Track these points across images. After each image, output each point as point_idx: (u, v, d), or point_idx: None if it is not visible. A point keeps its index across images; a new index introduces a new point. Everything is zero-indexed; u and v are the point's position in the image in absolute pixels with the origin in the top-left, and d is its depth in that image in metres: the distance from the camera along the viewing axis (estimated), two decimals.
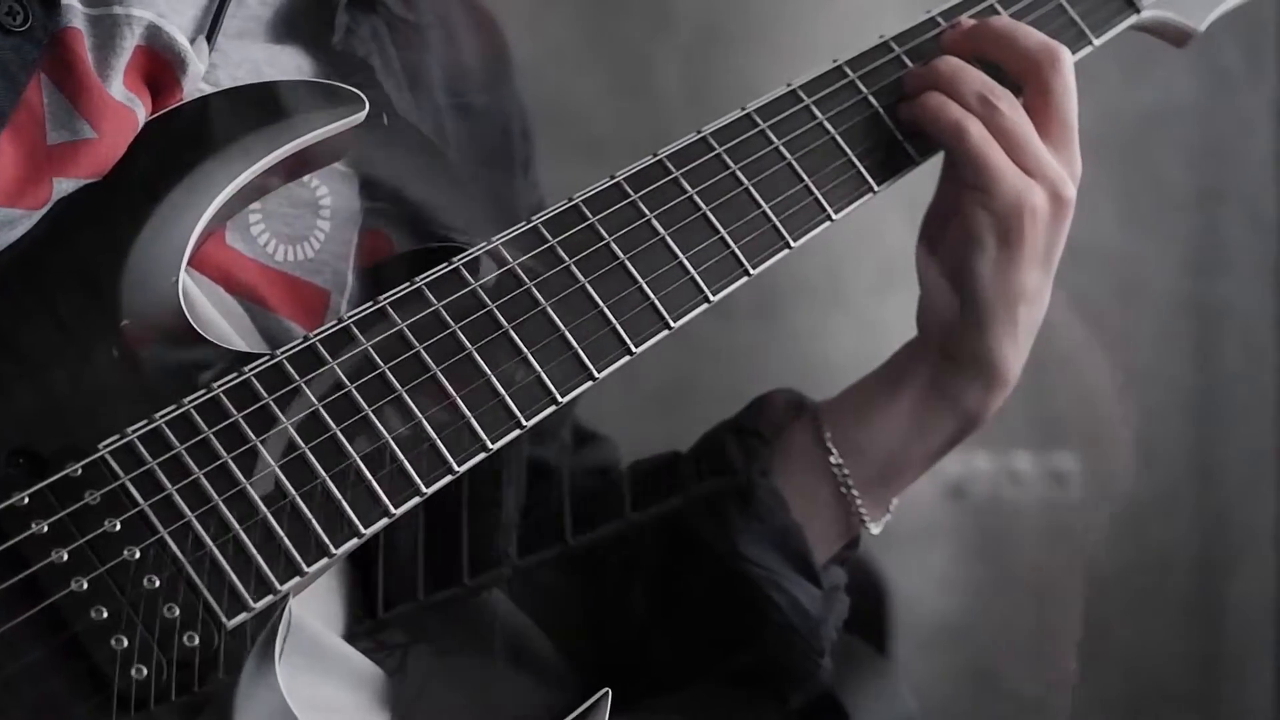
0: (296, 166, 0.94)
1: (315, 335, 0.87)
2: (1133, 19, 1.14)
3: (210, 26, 0.96)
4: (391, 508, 0.84)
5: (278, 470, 0.83)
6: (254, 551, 0.81)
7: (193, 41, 0.96)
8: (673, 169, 0.97)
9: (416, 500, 0.86)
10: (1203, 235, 2.59)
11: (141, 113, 0.93)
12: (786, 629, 1.06)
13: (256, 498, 0.82)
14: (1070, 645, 1.15)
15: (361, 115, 0.93)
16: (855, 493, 1.07)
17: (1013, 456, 2.40)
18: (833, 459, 1.07)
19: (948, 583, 2.38)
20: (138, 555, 0.80)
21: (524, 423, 0.89)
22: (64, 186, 0.89)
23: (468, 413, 0.87)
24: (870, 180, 1.01)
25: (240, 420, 0.83)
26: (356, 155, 1.00)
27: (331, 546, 0.83)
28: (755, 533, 1.05)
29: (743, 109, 1.00)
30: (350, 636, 0.98)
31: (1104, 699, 2.36)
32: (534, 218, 0.93)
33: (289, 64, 1.01)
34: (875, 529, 1.09)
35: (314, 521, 0.83)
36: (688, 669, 1.10)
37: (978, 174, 1.00)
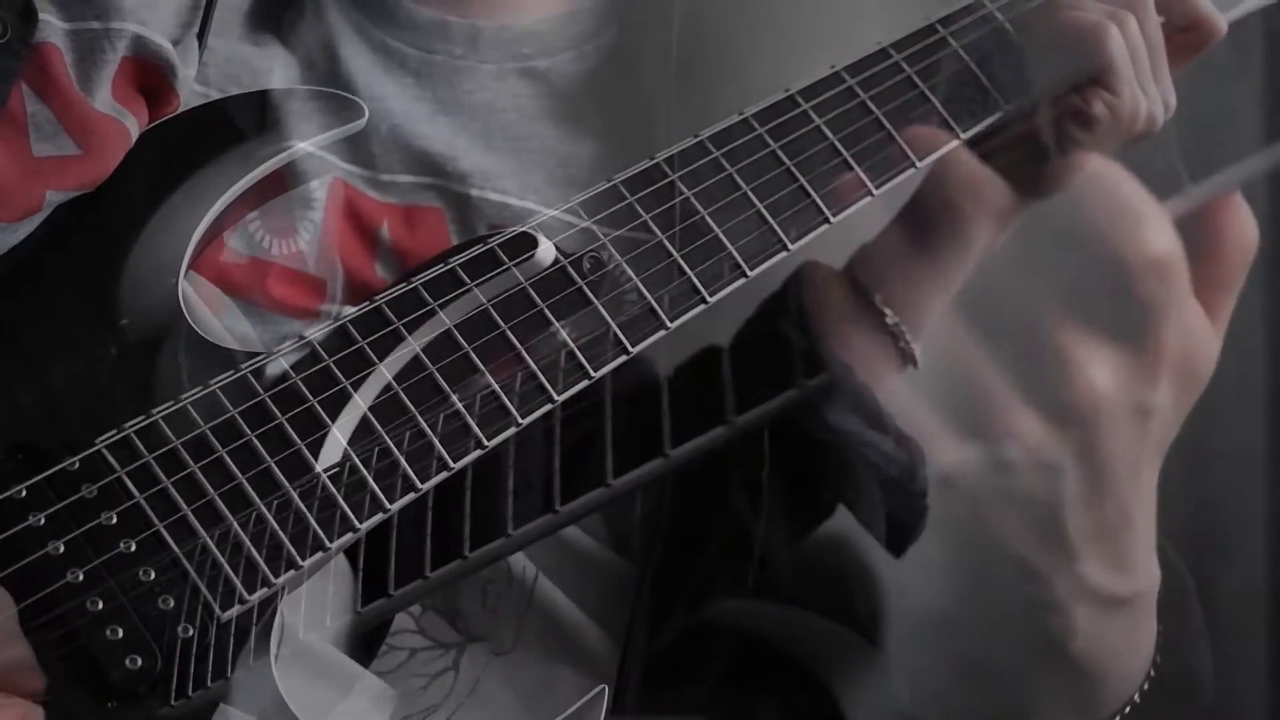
0: (298, 174, 0.94)
1: (312, 334, 0.87)
2: None
3: (201, 25, 0.97)
4: (387, 503, 0.85)
5: (273, 465, 0.83)
6: (249, 545, 0.82)
7: (177, 43, 0.96)
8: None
9: (412, 496, 0.86)
10: None
11: (132, 123, 0.94)
12: (889, 483, 1.05)
13: (252, 492, 0.83)
14: None
15: (361, 123, 0.93)
16: (909, 337, 1.07)
17: (1003, 446, 2.39)
18: (889, 319, 1.06)
19: (938, 573, 2.38)
20: (134, 547, 0.80)
21: (519, 420, 0.88)
22: (55, 199, 0.89)
23: (468, 416, 0.88)
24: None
25: (236, 416, 0.84)
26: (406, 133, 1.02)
27: (326, 541, 0.83)
28: (834, 402, 1.04)
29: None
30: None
31: None
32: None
33: (275, 60, 1.02)
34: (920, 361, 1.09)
35: (309, 515, 0.83)
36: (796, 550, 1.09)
37: (1109, 74, 1.01)
